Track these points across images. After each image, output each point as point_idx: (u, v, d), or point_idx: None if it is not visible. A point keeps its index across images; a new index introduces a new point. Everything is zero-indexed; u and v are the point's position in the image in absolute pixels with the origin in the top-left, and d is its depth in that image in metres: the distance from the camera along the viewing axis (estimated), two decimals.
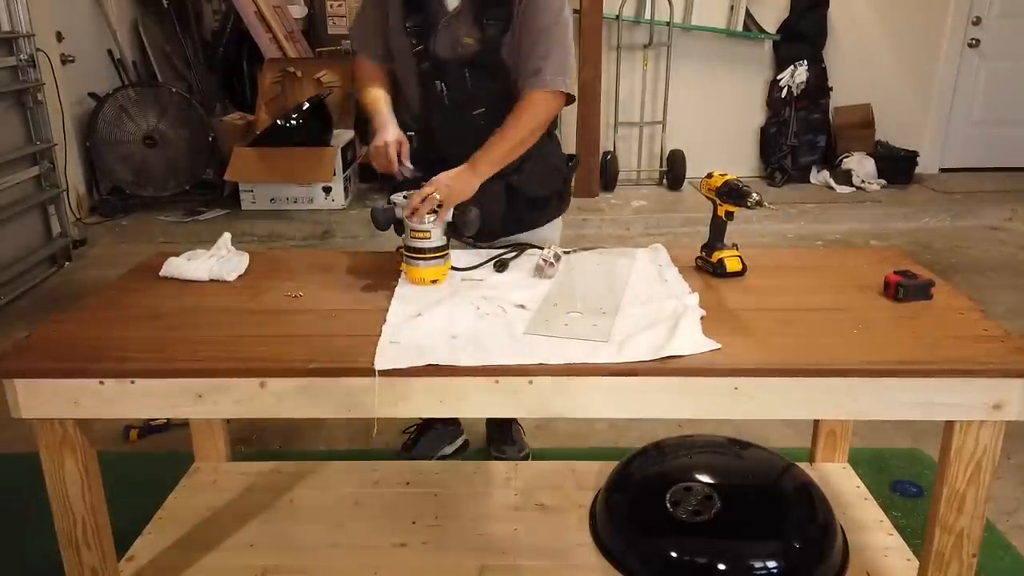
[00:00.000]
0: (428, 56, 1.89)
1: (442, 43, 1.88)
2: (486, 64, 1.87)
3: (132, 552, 1.87)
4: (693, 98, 5.69)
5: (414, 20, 1.89)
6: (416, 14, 1.88)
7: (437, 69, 1.89)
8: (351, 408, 1.41)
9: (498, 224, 1.96)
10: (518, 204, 1.97)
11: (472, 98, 1.90)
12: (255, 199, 5.10)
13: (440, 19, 1.87)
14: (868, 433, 2.54)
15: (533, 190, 1.98)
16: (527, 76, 1.86)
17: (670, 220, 5.05)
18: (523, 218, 2.01)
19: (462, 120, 1.91)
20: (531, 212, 2.01)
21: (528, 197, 1.97)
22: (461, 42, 1.87)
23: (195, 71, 5.67)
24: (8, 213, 4.00)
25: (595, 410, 1.47)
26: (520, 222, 2.01)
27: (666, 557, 1.75)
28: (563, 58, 1.87)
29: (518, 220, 2.00)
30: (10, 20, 4.12)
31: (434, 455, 2.40)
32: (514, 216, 1.98)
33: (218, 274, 1.78)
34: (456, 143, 1.88)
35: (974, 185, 5.59)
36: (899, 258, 1.88)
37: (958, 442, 1.43)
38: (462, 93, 1.90)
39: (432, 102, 1.92)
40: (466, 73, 1.88)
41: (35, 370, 1.42)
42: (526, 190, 1.97)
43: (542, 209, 2.05)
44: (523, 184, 1.96)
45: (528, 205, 1.99)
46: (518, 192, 1.96)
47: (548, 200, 2.04)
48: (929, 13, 5.61)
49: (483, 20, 1.84)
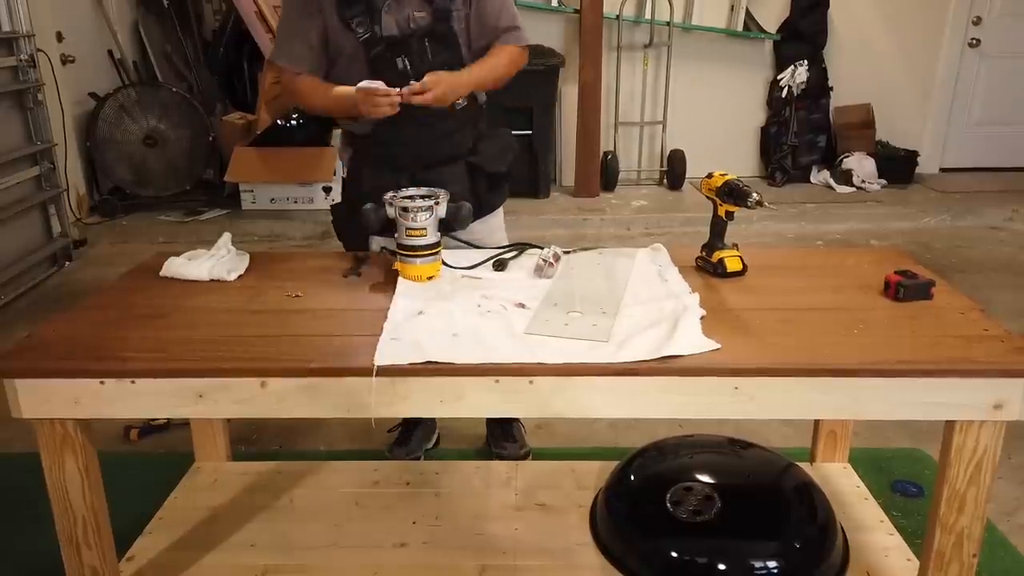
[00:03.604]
0: (380, 39, 1.92)
1: (391, 24, 1.93)
2: (440, 33, 1.96)
3: (132, 552, 1.87)
4: (693, 98, 5.69)
5: (353, 11, 1.91)
6: (356, 4, 1.91)
7: (395, 47, 1.93)
8: (351, 408, 1.41)
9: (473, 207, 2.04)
10: (479, 182, 2.08)
11: (434, 69, 1.93)
12: (255, 199, 5.10)
13: (383, 3, 1.91)
14: (868, 433, 2.54)
15: (492, 166, 2.09)
16: (501, 34, 2.03)
17: (670, 220, 5.05)
18: (483, 199, 2.09)
19: None
20: (490, 192, 2.12)
21: (487, 173, 2.08)
22: (413, 18, 1.93)
23: (195, 71, 5.67)
24: (8, 213, 4.00)
25: (595, 410, 1.47)
26: (481, 204, 2.07)
27: (666, 557, 1.75)
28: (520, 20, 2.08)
29: (479, 201, 2.06)
30: (10, 20, 4.12)
31: (422, 450, 2.43)
32: (476, 196, 2.06)
33: (218, 274, 1.78)
34: (421, 129, 1.97)
35: (974, 185, 5.59)
36: (899, 258, 1.88)
37: (958, 442, 1.43)
38: (424, 65, 1.93)
39: (394, 84, 1.91)
40: (426, 44, 1.94)
41: (35, 370, 1.42)
42: (485, 167, 2.08)
43: (499, 188, 2.16)
44: (482, 162, 2.08)
45: (488, 183, 2.10)
46: (478, 170, 2.07)
47: (505, 177, 2.15)
48: (929, 13, 5.60)
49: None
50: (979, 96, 5.83)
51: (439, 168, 2.02)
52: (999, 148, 5.86)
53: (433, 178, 1.95)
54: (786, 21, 5.57)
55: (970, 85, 5.79)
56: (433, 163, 2.02)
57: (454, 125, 2.03)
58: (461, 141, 2.06)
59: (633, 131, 5.78)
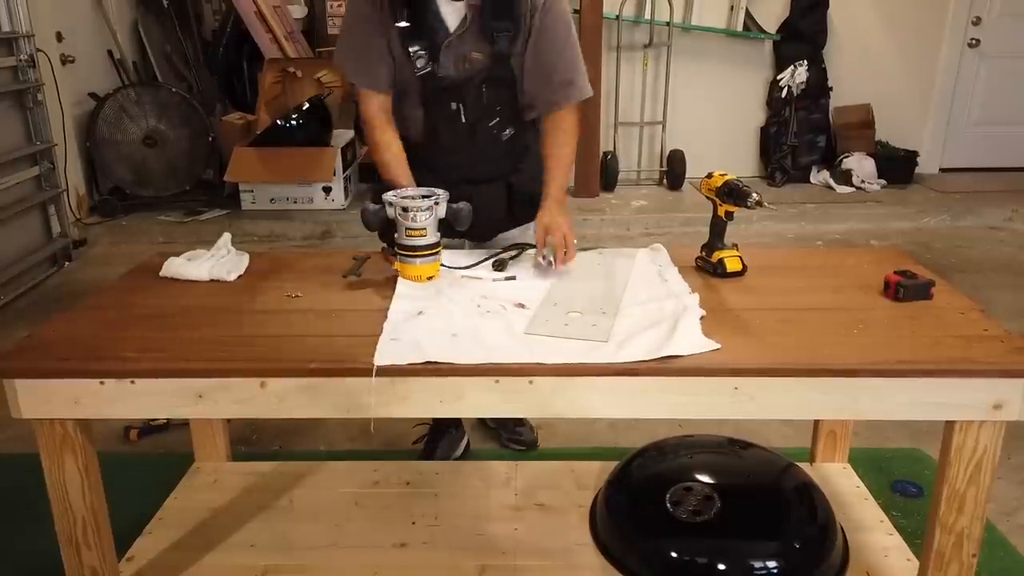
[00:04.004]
0: (437, 77, 1.88)
1: (447, 64, 1.87)
2: (498, 77, 1.90)
3: (132, 552, 1.87)
4: (693, 98, 5.69)
5: (418, 45, 1.85)
6: (418, 39, 1.85)
7: (450, 89, 1.89)
8: (351, 408, 1.41)
9: (499, 224, 2.07)
10: (515, 203, 2.05)
11: (488, 112, 1.93)
12: (255, 199, 5.10)
13: (443, 40, 1.86)
14: (868, 433, 2.54)
15: (530, 187, 2.02)
16: (558, 87, 1.92)
17: (670, 220, 5.05)
18: (518, 215, 2.07)
19: (476, 133, 1.95)
20: (524, 209, 2.05)
21: (526, 194, 2.02)
22: (470, 58, 1.87)
23: (195, 71, 5.67)
24: (8, 213, 3.99)
25: (595, 410, 1.47)
26: (516, 218, 2.08)
27: (666, 557, 1.75)
28: (583, 67, 1.95)
29: (514, 218, 2.08)
30: (10, 20, 4.12)
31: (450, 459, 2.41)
32: (511, 213, 2.06)
33: (218, 274, 1.78)
34: (467, 155, 1.97)
35: (974, 185, 5.59)
36: (899, 258, 1.88)
37: (958, 442, 1.43)
38: (479, 108, 1.91)
39: (443, 121, 1.92)
40: (482, 88, 1.90)
41: (35, 370, 1.42)
42: (524, 188, 2.03)
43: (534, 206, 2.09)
44: (522, 183, 2.04)
45: (524, 203, 2.03)
46: (517, 191, 2.04)
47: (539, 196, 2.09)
48: (929, 13, 5.60)
49: (492, 34, 1.85)
50: (979, 96, 5.83)
51: (481, 185, 1.99)
52: (999, 148, 5.86)
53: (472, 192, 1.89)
54: (786, 21, 5.56)
55: (970, 85, 5.79)
56: (477, 181, 1.98)
57: (503, 151, 2.02)
58: (505, 164, 2.04)
59: (633, 131, 5.78)
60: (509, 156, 2.04)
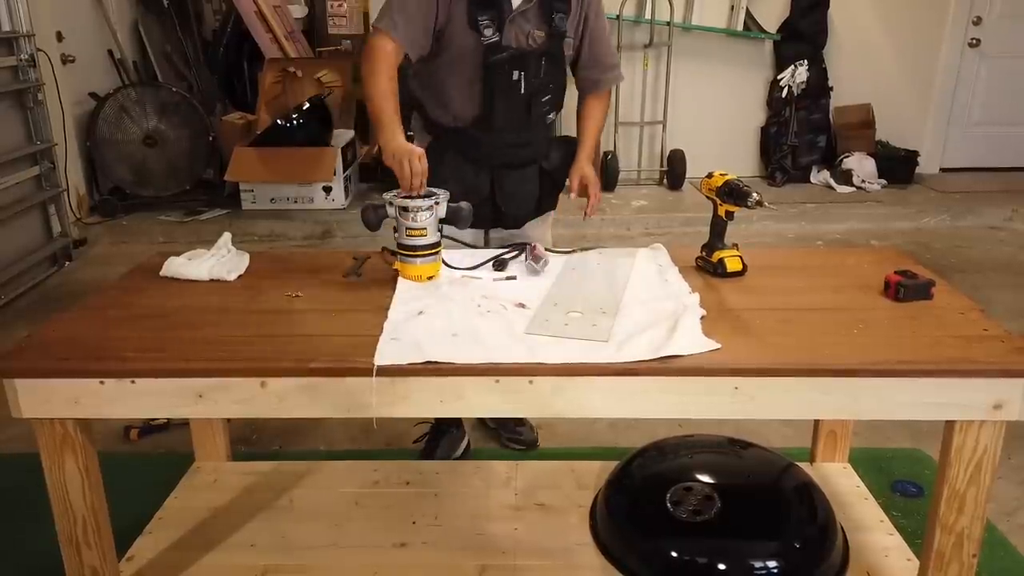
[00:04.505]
0: (502, 48, 1.94)
1: (511, 36, 1.96)
2: (554, 54, 2.02)
3: (132, 552, 1.87)
4: (693, 98, 5.69)
5: (487, 14, 1.92)
6: (488, 9, 1.92)
7: (515, 60, 1.97)
8: (351, 408, 1.41)
9: (533, 206, 2.19)
10: (545, 185, 2.19)
11: (543, 86, 2.04)
12: (255, 199, 5.10)
13: (508, 14, 1.94)
14: (868, 433, 2.53)
15: (559, 173, 2.19)
16: (606, 70, 2.18)
17: (670, 220, 5.05)
18: (544, 201, 2.21)
19: (530, 108, 2.03)
20: (550, 195, 2.22)
21: (554, 179, 2.19)
22: (532, 35, 1.98)
23: (195, 71, 5.67)
24: (8, 213, 3.99)
25: (595, 410, 1.47)
26: (541, 205, 2.21)
27: (666, 557, 1.75)
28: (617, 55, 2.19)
29: (540, 202, 2.20)
30: (10, 20, 4.12)
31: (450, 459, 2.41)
32: (540, 198, 2.19)
33: (218, 274, 1.78)
34: (516, 133, 2.06)
35: (974, 185, 5.59)
36: (899, 258, 1.88)
37: (958, 442, 1.43)
38: (537, 81, 2.01)
39: (502, 92, 1.99)
40: (542, 62, 2.01)
41: (35, 370, 1.42)
42: (555, 173, 2.19)
43: (556, 193, 2.26)
44: (553, 168, 2.19)
45: (551, 187, 2.20)
46: (548, 176, 2.18)
47: (562, 185, 2.23)
48: (929, 13, 5.60)
49: (551, 13, 1.98)
50: (979, 96, 5.83)
51: (518, 169, 2.12)
52: (999, 148, 5.86)
53: (507, 176, 2.09)
54: (786, 21, 5.56)
55: (970, 85, 5.79)
56: (513, 164, 2.11)
57: (543, 135, 2.15)
58: (539, 148, 2.15)
59: (633, 131, 5.78)
60: (546, 141, 2.17)
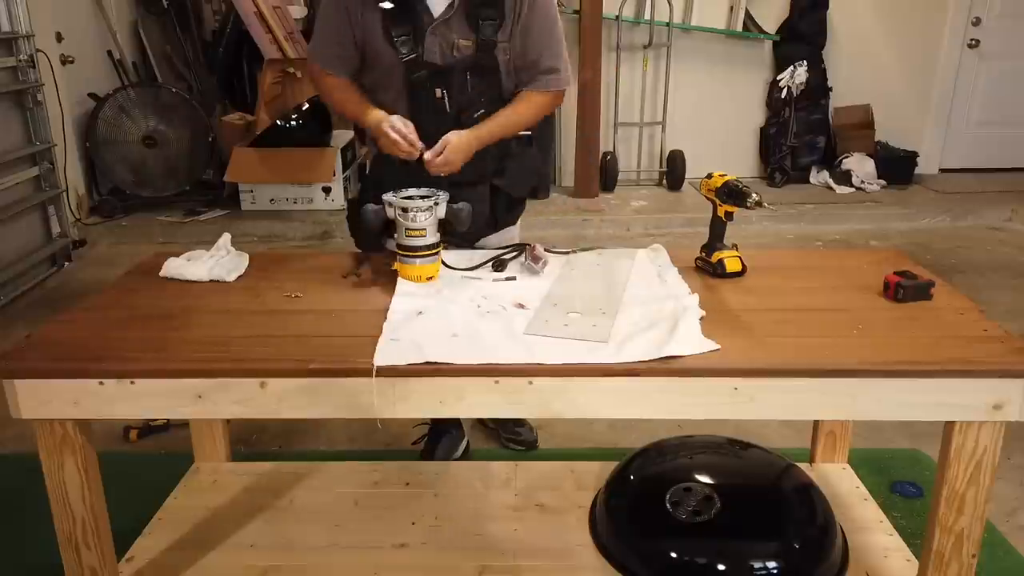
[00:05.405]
0: (422, 64, 1.87)
1: (433, 49, 1.87)
2: (483, 65, 1.90)
3: (132, 552, 1.87)
4: (693, 98, 5.69)
5: (402, 29, 1.85)
6: (403, 24, 1.85)
7: (436, 76, 1.88)
8: (351, 408, 1.41)
9: (482, 229, 2.03)
10: (499, 205, 2.06)
11: (472, 101, 1.92)
12: (255, 199, 5.10)
13: (428, 24, 1.86)
14: (868, 433, 2.54)
15: (515, 191, 2.07)
16: (540, 73, 1.96)
17: (670, 220, 5.05)
18: (499, 218, 2.09)
19: (461, 125, 1.91)
20: (508, 213, 2.10)
21: (510, 198, 2.07)
22: (456, 45, 1.87)
23: (195, 71, 5.67)
24: (8, 213, 3.99)
25: (595, 410, 1.47)
26: (496, 223, 2.09)
27: (666, 557, 1.75)
28: (567, 58, 1.98)
29: (496, 219, 2.08)
30: (10, 20, 4.12)
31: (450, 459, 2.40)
32: (494, 216, 2.07)
33: (218, 274, 1.78)
34: None
35: (974, 185, 5.59)
36: (899, 259, 1.88)
37: (958, 442, 1.43)
38: (464, 97, 1.90)
39: (427, 110, 1.90)
40: (467, 76, 1.89)
41: (35, 370, 1.42)
42: (508, 190, 2.06)
43: (516, 209, 2.15)
44: (505, 186, 2.05)
45: (507, 205, 2.08)
46: (500, 193, 2.05)
47: (523, 201, 2.15)
48: (929, 13, 5.60)
49: (478, 21, 1.85)
50: (979, 97, 5.83)
51: (463, 188, 1.93)
52: (999, 148, 5.87)
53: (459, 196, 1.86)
54: (785, 21, 5.56)
55: (970, 86, 5.79)
56: (458, 182, 1.92)
57: (485, 153, 1.96)
58: (486, 165, 1.99)
59: (632, 132, 5.78)
60: (493, 157, 2.00)
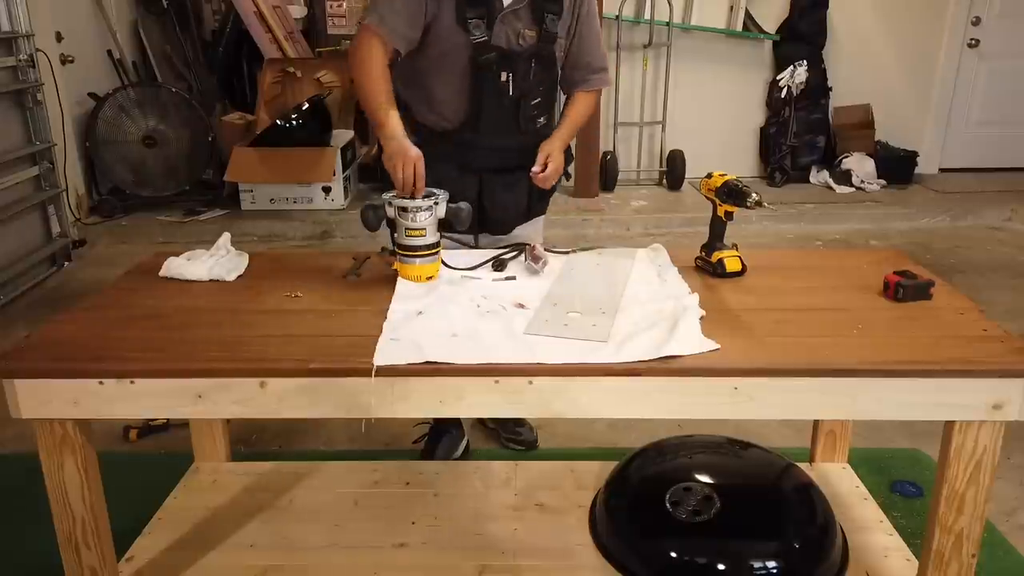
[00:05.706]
0: (491, 48, 1.92)
1: (500, 35, 1.93)
2: (544, 55, 2.00)
3: (132, 552, 1.87)
4: (693, 98, 5.69)
5: (476, 12, 1.90)
6: (477, 7, 1.90)
7: (504, 60, 1.94)
8: (351, 408, 1.41)
9: (522, 211, 2.14)
10: (534, 193, 2.14)
11: (532, 88, 2.01)
12: (255, 199, 5.10)
13: (498, 12, 1.91)
14: (868, 433, 2.54)
15: None
16: (592, 72, 2.14)
17: (670, 220, 5.05)
18: (533, 207, 2.17)
19: (520, 111, 2.00)
20: (540, 200, 2.19)
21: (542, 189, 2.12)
22: (522, 34, 1.95)
23: (195, 71, 5.67)
24: (8, 213, 3.99)
25: (595, 410, 1.47)
26: (529, 211, 2.17)
27: (666, 557, 1.75)
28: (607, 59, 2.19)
29: (529, 208, 2.16)
30: (10, 20, 4.11)
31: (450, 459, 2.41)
32: (528, 205, 2.15)
33: (218, 274, 1.78)
34: (503, 132, 2.02)
35: (974, 185, 5.59)
36: (898, 258, 1.88)
37: (958, 442, 1.43)
38: (526, 83, 1.98)
39: (490, 92, 1.96)
40: (532, 64, 1.98)
41: (35, 370, 1.42)
42: None
43: (546, 198, 2.21)
44: None
45: (541, 193, 2.15)
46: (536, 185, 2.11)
47: (554, 190, 2.20)
48: (929, 13, 5.61)
49: (543, 14, 1.95)
50: (978, 96, 5.83)
51: (505, 175, 2.08)
52: (998, 148, 5.87)
53: (495, 182, 2.04)
54: (785, 21, 5.57)
55: (969, 85, 5.79)
56: (501, 170, 2.07)
57: (529, 142, 2.06)
58: (529, 155, 2.06)
59: (632, 131, 5.78)
60: (535, 148, 2.07)
